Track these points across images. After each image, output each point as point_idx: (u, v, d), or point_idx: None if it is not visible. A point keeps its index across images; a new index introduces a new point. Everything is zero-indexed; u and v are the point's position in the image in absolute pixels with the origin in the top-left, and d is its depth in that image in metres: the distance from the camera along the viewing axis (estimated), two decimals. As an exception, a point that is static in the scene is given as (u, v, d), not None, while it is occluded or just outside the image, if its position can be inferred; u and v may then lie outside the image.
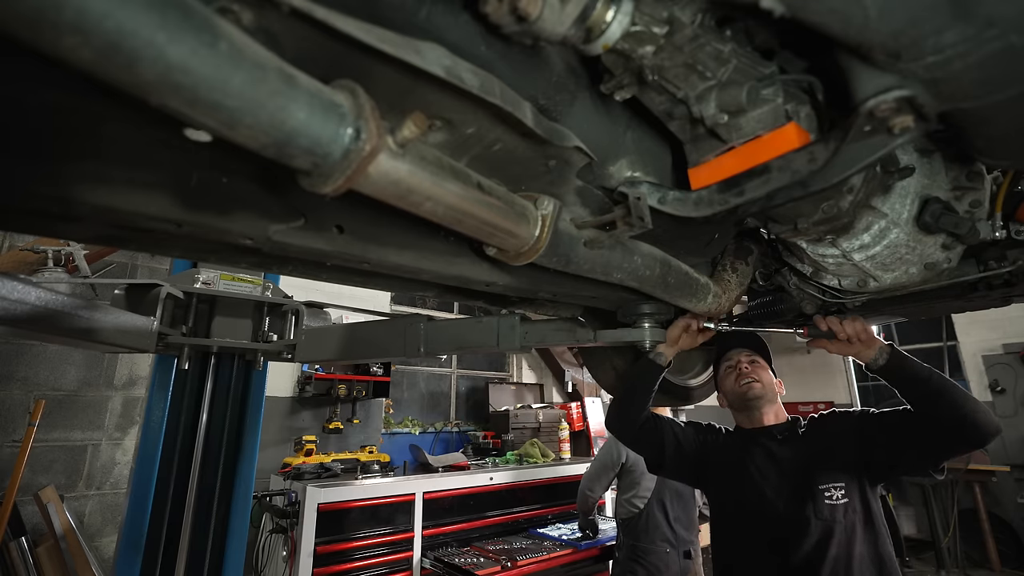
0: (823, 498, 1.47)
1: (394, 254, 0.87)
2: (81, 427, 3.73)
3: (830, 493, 1.48)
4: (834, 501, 1.47)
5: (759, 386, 1.66)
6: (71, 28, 0.29)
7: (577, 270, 0.84)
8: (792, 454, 1.58)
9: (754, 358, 1.72)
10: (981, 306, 1.38)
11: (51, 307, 1.23)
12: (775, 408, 1.70)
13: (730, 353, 1.76)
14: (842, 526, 1.44)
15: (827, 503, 1.46)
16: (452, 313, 5.56)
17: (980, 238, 0.96)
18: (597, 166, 0.81)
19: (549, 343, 1.58)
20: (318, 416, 4.42)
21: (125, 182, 0.62)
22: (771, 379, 1.71)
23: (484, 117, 0.60)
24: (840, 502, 1.46)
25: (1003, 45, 0.47)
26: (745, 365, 1.70)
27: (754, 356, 1.72)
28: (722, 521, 1.70)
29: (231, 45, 0.36)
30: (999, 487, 5.78)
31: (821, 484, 1.49)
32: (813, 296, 1.28)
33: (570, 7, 0.53)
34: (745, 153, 0.73)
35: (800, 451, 1.57)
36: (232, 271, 2.24)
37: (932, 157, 0.95)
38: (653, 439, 1.74)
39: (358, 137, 0.45)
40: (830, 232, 1.01)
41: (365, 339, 1.97)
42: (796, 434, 1.63)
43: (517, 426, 4.99)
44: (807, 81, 0.71)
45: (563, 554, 3.66)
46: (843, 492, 1.47)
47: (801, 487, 1.51)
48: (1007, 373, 6.12)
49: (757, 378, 1.67)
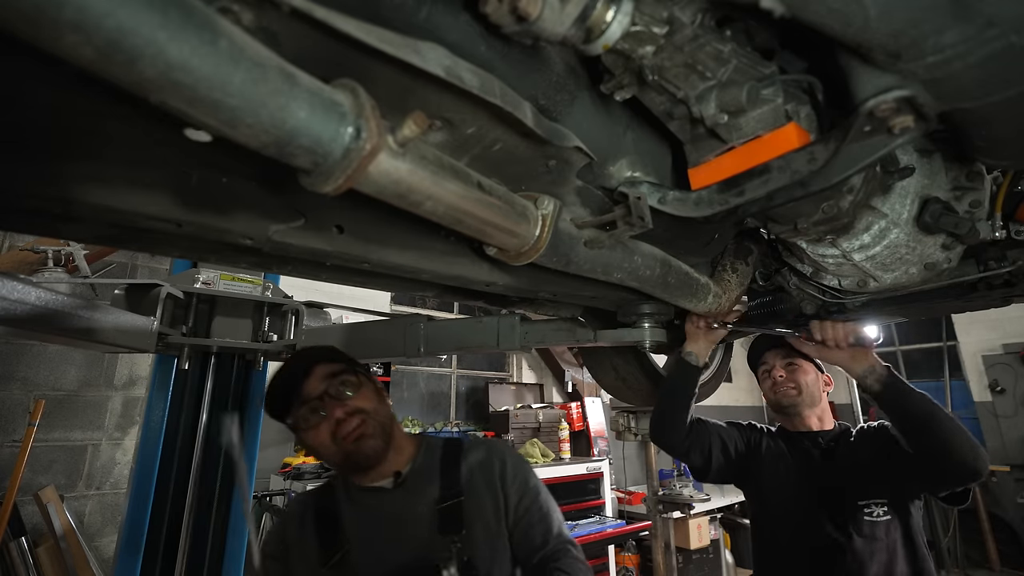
0: (863, 515, 1.43)
1: (394, 254, 0.87)
2: (81, 427, 3.73)
3: (871, 510, 1.43)
4: (874, 518, 1.43)
5: (794, 393, 1.60)
6: (72, 26, 0.29)
7: (577, 270, 0.84)
8: (834, 465, 1.52)
9: (791, 360, 1.63)
10: (981, 306, 1.38)
11: (51, 307, 1.23)
12: (817, 411, 1.63)
13: (765, 356, 1.69)
14: (883, 544, 1.40)
15: (867, 520, 1.42)
16: (452, 313, 5.56)
17: (980, 238, 0.96)
18: (597, 166, 0.81)
19: (549, 343, 1.58)
20: (318, 416, 4.42)
21: (125, 182, 0.62)
22: (813, 380, 1.63)
23: (484, 117, 0.60)
24: (881, 519, 1.42)
25: (1003, 45, 0.47)
26: (780, 372, 1.63)
27: (792, 358, 1.63)
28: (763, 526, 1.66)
29: (232, 44, 0.36)
30: (999, 487, 5.79)
31: (861, 500, 1.45)
32: (813, 296, 1.28)
33: (570, 7, 0.53)
34: (745, 153, 0.73)
35: (843, 463, 1.52)
36: (232, 271, 2.24)
37: (932, 157, 0.95)
38: (702, 447, 1.65)
39: (358, 136, 0.45)
40: (830, 232, 1.01)
41: (365, 339, 1.97)
42: (842, 444, 1.56)
43: (517, 426, 4.98)
44: (807, 81, 0.71)
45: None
46: (885, 509, 1.43)
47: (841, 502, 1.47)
48: (1007, 373, 6.12)
49: (794, 384, 1.61)
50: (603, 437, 5.32)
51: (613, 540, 4.25)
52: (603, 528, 4.19)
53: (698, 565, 4.82)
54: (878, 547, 1.40)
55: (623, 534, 4.30)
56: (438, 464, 1.19)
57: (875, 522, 1.43)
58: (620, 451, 5.88)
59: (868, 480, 1.47)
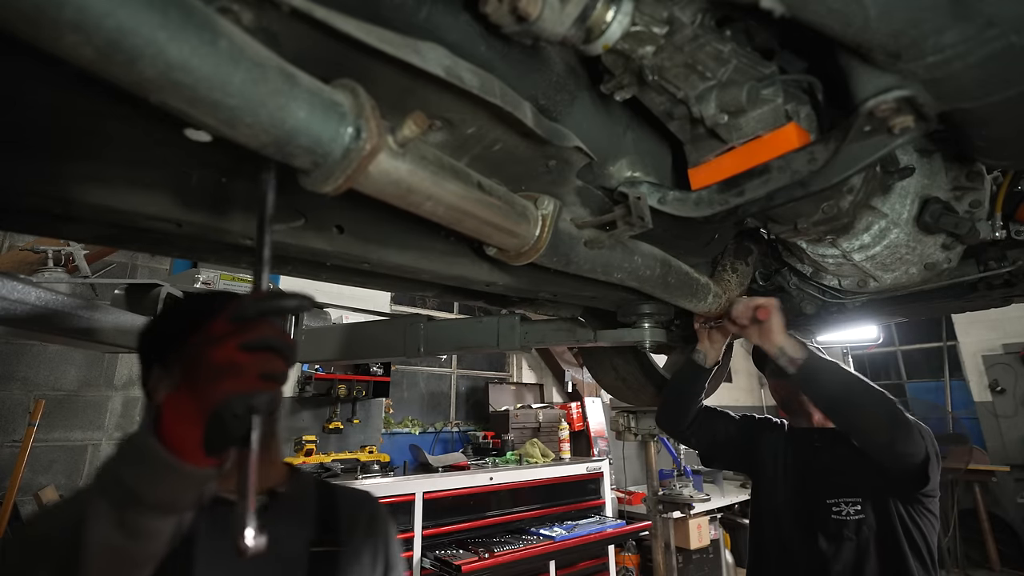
0: (831, 513, 1.43)
1: (394, 254, 0.87)
2: (81, 427, 3.73)
3: (839, 508, 1.43)
4: (843, 517, 1.42)
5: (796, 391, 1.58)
6: (72, 26, 0.29)
7: (577, 270, 0.84)
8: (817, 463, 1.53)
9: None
10: (981, 306, 1.38)
11: (51, 307, 1.23)
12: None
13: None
14: (852, 544, 1.39)
15: (834, 518, 1.42)
16: (452, 313, 5.56)
17: (980, 238, 0.96)
18: (597, 166, 0.81)
19: (549, 343, 1.58)
20: (318, 416, 4.41)
21: (125, 182, 0.62)
22: None
23: (484, 117, 0.60)
24: (852, 518, 1.41)
25: (1003, 45, 0.47)
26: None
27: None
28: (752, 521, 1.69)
29: (231, 44, 0.36)
30: (999, 487, 5.78)
31: (831, 498, 1.44)
32: (813, 296, 1.28)
33: (570, 7, 0.53)
34: (745, 153, 0.73)
35: (824, 461, 1.52)
36: (232, 271, 2.24)
37: (932, 157, 0.95)
38: (703, 434, 1.70)
39: (358, 136, 0.45)
40: (830, 232, 1.01)
41: (365, 339, 1.97)
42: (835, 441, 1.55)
43: (517, 426, 4.98)
44: (807, 81, 0.71)
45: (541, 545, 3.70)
46: (859, 508, 1.42)
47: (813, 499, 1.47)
48: (1007, 373, 6.12)
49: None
50: (603, 437, 5.32)
51: (613, 540, 4.25)
52: (603, 528, 4.18)
53: (698, 565, 4.81)
54: (845, 547, 1.39)
55: (623, 534, 4.30)
56: (314, 500, 1.00)
57: (843, 520, 1.41)
58: (620, 451, 5.88)
59: (842, 478, 1.47)
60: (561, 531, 3.98)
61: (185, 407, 0.53)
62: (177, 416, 0.54)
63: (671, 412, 1.71)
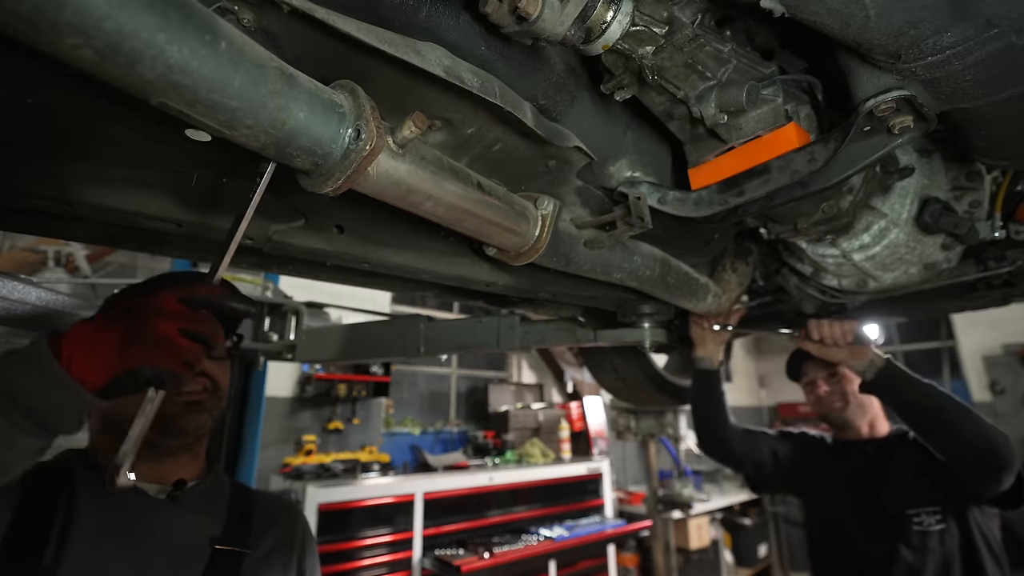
0: (912, 524, 1.39)
1: (394, 254, 0.87)
2: (81, 427, 3.73)
3: (920, 519, 1.39)
4: (925, 528, 1.37)
5: (840, 406, 1.58)
6: (71, 28, 0.29)
7: (577, 270, 0.84)
8: (880, 474, 1.49)
9: (833, 371, 1.59)
10: (981, 306, 1.38)
11: (51, 307, 1.23)
12: (868, 418, 1.60)
13: (805, 367, 1.66)
14: (937, 555, 1.35)
15: (916, 529, 1.38)
16: (452, 313, 5.56)
17: (980, 238, 0.96)
18: (597, 166, 0.81)
19: (549, 343, 1.57)
20: (318, 416, 4.42)
21: (125, 182, 0.62)
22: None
23: (484, 117, 0.60)
24: (934, 528, 1.37)
25: (1003, 45, 0.47)
26: (824, 387, 1.60)
27: (833, 368, 1.57)
28: (815, 539, 1.64)
29: (231, 45, 0.36)
30: (999, 487, 5.78)
31: (911, 509, 1.40)
32: (813, 296, 1.28)
33: (570, 7, 0.53)
34: (745, 153, 0.73)
35: (891, 471, 1.48)
36: (232, 271, 2.24)
37: (932, 157, 0.95)
38: (755, 457, 1.66)
39: (358, 137, 0.45)
40: (830, 232, 1.01)
41: (365, 339, 1.96)
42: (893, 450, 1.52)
43: (517, 426, 4.98)
44: (807, 81, 0.71)
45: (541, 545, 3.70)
46: (939, 517, 1.38)
47: (889, 512, 1.43)
48: (1007, 373, 6.11)
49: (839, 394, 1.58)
50: (603, 437, 5.31)
51: (613, 540, 4.25)
52: (603, 528, 4.19)
53: (698, 565, 4.82)
54: (931, 559, 1.35)
55: (623, 534, 4.31)
56: (226, 499, 0.98)
57: (926, 532, 1.37)
58: (620, 451, 5.89)
59: (917, 487, 1.42)
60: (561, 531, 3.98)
61: (102, 341, 0.58)
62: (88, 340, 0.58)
63: (708, 431, 1.65)
